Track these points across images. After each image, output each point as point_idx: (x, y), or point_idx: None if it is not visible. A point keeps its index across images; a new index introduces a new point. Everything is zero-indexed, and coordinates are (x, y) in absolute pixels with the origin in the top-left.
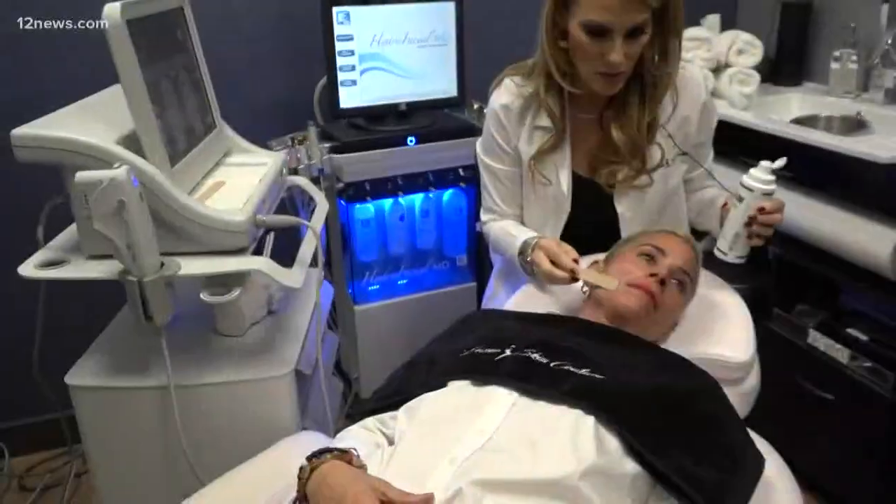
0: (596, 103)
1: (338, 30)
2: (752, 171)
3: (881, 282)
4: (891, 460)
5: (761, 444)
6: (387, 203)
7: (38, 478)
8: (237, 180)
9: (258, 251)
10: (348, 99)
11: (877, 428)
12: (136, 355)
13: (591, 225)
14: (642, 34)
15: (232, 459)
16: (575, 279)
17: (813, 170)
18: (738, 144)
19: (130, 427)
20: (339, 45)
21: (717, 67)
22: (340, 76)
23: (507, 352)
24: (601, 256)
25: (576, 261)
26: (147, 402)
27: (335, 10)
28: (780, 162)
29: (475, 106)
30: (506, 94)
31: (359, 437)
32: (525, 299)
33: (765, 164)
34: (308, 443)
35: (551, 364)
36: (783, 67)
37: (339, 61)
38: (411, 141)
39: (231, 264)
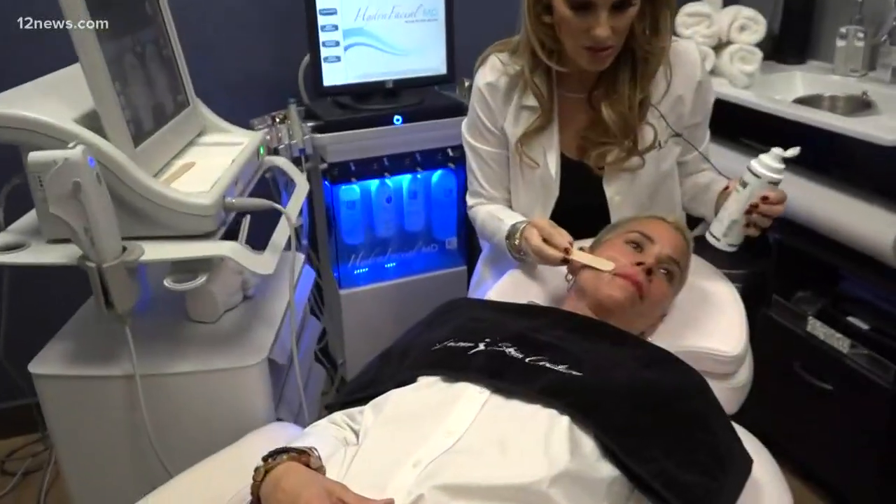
0: (584, 82)
1: (320, 3)
2: (761, 156)
3: (883, 269)
4: (891, 452)
5: (751, 443)
6: (373, 184)
7: (19, 462)
8: (209, 161)
9: (232, 235)
10: (332, 76)
11: (877, 420)
12: (102, 343)
13: (580, 209)
14: (630, 6)
15: (202, 450)
16: (567, 260)
17: (816, 151)
18: (738, 125)
19: (97, 417)
20: (322, 20)
21: (718, 44)
22: (324, 52)
23: (481, 346)
24: (588, 243)
25: (570, 243)
26: (113, 392)
27: None
28: (794, 151)
29: (465, 84)
30: (491, 72)
31: (326, 432)
32: (510, 286)
33: (776, 150)
34: (278, 435)
35: (526, 359)
36: (787, 45)
37: (322, 37)
38: (398, 120)
39: (197, 249)
